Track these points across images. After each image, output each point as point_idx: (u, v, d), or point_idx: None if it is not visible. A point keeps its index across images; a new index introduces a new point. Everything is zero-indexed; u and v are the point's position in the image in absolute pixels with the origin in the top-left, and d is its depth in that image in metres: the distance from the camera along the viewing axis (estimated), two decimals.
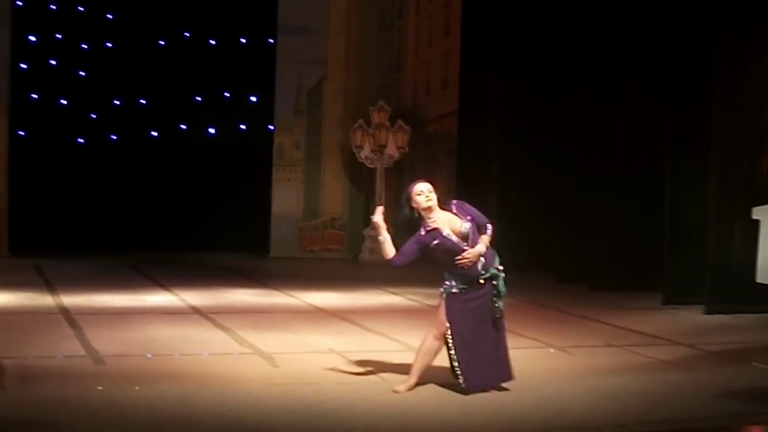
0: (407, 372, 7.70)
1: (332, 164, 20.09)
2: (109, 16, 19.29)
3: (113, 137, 19.50)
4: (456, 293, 7.57)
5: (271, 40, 19.67)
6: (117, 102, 19.39)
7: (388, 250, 7.53)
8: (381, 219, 7.57)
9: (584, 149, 14.82)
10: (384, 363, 8.52)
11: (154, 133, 19.67)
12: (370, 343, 9.87)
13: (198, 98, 19.62)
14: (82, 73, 19.22)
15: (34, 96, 19.04)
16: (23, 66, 18.84)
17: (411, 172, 19.32)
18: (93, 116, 19.40)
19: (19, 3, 18.64)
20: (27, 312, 11.61)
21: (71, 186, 19.08)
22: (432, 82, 19.78)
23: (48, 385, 7.67)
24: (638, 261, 13.77)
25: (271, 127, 19.91)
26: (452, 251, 7.48)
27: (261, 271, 16.67)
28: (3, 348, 9.06)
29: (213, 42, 19.65)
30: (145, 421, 6.63)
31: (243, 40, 19.80)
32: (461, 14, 18.05)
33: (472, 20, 17.61)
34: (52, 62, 19.05)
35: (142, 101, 19.45)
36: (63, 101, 19.20)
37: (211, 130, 19.88)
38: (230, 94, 19.82)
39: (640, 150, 14.05)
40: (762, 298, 11.56)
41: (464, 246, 7.48)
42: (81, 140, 19.45)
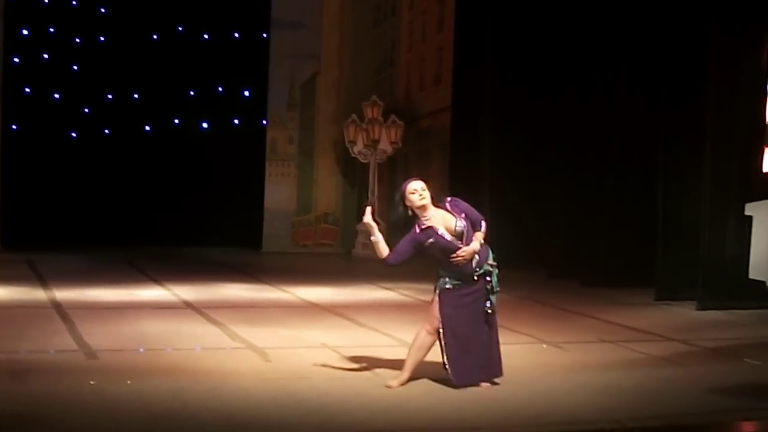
0: (400, 367, 7.69)
1: (325, 159, 20.09)
2: (102, 11, 19.27)
3: (106, 131, 19.50)
4: (449, 289, 7.56)
5: (265, 35, 19.65)
6: (110, 96, 19.38)
7: (382, 250, 7.52)
8: (371, 219, 7.56)
9: (578, 145, 14.81)
10: (377, 358, 8.52)
11: (148, 128, 19.65)
12: (363, 338, 9.87)
13: (191, 93, 19.63)
14: (75, 68, 19.20)
15: (27, 90, 19.01)
16: (16, 60, 18.80)
17: (404, 168, 19.34)
18: (86, 110, 19.40)
19: None
20: (19, 306, 11.58)
21: (64, 180, 19.08)
22: (425, 78, 19.77)
23: (40, 380, 7.65)
24: (631, 257, 13.77)
25: (265, 122, 19.89)
26: (447, 249, 7.47)
27: (254, 266, 16.67)
28: None
29: (206, 36, 19.63)
30: (138, 416, 6.61)
31: (236, 35, 19.79)
32: (455, 9, 18.04)
33: (466, 16, 17.60)
34: (45, 56, 19.03)
35: (135, 96, 19.43)
36: (56, 95, 19.18)
37: (204, 125, 19.86)
38: (223, 89, 19.80)
39: (634, 146, 14.06)
40: (755, 294, 11.60)
41: (459, 244, 7.47)
42: (74, 134, 19.45)
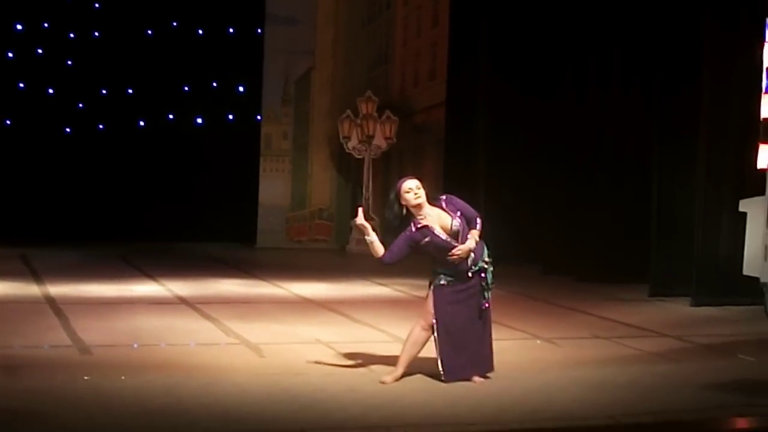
0: (394, 363, 7.70)
1: (320, 154, 20.05)
2: (97, 6, 19.22)
3: (100, 127, 19.46)
4: (444, 285, 7.57)
5: (259, 30, 19.62)
6: (104, 91, 19.34)
7: (378, 249, 7.53)
8: (363, 220, 7.55)
9: (572, 141, 14.79)
10: (371, 354, 8.52)
11: (142, 123, 19.62)
12: (358, 334, 9.87)
13: (185, 88, 19.58)
14: (70, 63, 19.16)
15: (21, 85, 18.98)
16: (10, 55, 18.77)
17: (399, 163, 19.32)
18: (80, 106, 19.35)
19: None
20: (13, 302, 11.57)
21: (58, 175, 19.03)
22: (420, 73, 19.75)
23: (34, 375, 7.64)
24: (626, 253, 13.77)
25: (259, 117, 19.86)
26: (442, 248, 7.48)
27: (248, 262, 16.64)
28: None
29: (201, 32, 19.59)
30: (132, 411, 6.61)
31: (231, 30, 19.75)
32: (449, 5, 18.02)
33: (461, 11, 17.58)
34: (39, 51, 18.99)
35: (130, 91, 19.39)
36: (50, 90, 19.14)
37: (199, 120, 19.82)
38: (218, 84, 19.76)
39: (628, 142, 14.07)
40: (748, 291, 11.60)
41: (454, 243, 7.47)
42: (68, 129, 19.39)
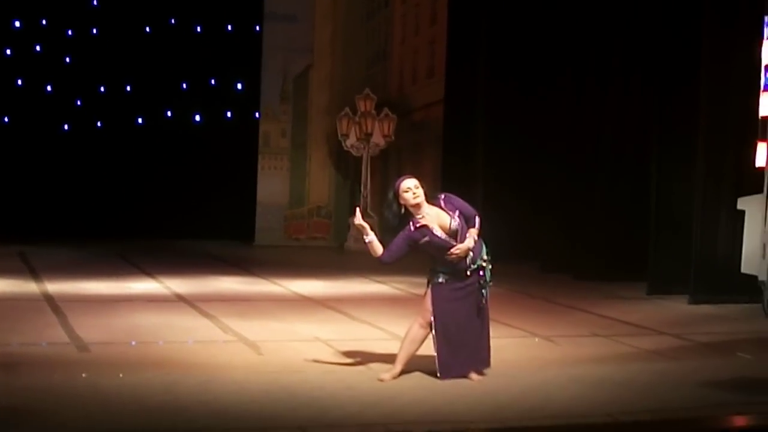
0: (393, 360, 7.69)
1: (318, 152, 20.06)
2: (95, 3, 19.23)
3: (99, 124, 19.46)
4: (442, 283, 7.57)
5: (258, 28, 19.62)
6: (102, 89, 19.34)
7: (377, 249, 7.52)
8: (361, 220, 7.55)
9: (571, 139, 14.79)
10: (369, 351, 8.52)
11: (140, 120, 19.62)
12: (356, 332, 9.86)
13: (184, 85, 19.60)
14: (68, 60, 19.16)
15: (19, 82, 18.97)
16: (8, 52, 18.76)
17: (397, 161, 19.32)
18: (78, 103, 19.36)
19: None
20: (11, 299, 11.55)
21: (56, 173, 19.05)
22: (418, 71, 19.74)
23: (32, 373, 7.63)
24: (624, 251, 13.77)
25: (257, 115, 19.86)
26: (441, 247, 7.47)
27: (246, 259, 16.64)
28: None
29: (199, 29, 19.60)
30: (130, 409, 6.60)
31: (229, 28, 19.76)
32: (448, 2, 18.02)
33: (459, 9, 17.58)
34: (37, 48, 18.97)
35: (128, 88, 19.38)
36: (48, 87, 19.13)
37: (197, 118, 19.83)
38: (216, 82, 19.78)
39: (627, 140, 14.06)
40: (747, 288, 11.60)
41: (453, 242, 7.47)
42: (66, 127, 19.39)
